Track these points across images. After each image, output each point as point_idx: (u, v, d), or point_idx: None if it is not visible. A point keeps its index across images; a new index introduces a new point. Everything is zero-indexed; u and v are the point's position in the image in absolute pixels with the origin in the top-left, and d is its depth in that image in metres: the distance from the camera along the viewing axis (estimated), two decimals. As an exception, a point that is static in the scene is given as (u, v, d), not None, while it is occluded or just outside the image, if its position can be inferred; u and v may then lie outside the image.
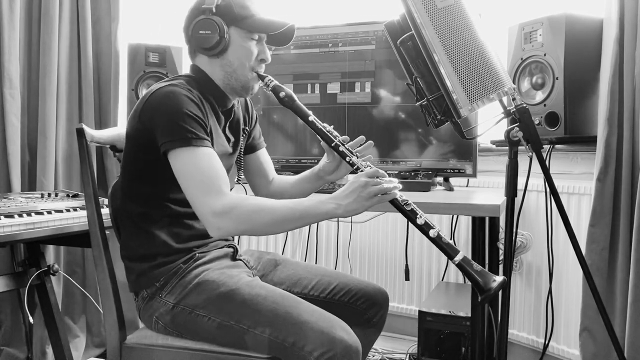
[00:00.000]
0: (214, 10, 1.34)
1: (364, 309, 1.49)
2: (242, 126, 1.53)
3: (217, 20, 1.34)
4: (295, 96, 1.41)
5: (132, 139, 1.35)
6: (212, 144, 1.31)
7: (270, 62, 1.43)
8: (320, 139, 1.40)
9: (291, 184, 1.61)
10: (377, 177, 1.24)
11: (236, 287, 1.29)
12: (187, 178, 1.24)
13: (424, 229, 1.23)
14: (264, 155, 1.65)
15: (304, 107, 1.41)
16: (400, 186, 1.26)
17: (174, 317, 1.32)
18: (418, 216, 1.24)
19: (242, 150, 1.56)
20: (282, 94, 1.39)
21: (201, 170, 1.23)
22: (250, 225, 1.23)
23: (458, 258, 1.20)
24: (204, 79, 1.40)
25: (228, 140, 1.46)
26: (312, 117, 1.39)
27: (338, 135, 1.39)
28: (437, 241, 1.23)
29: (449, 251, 1.21)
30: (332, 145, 1.38)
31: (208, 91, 1.39)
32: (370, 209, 1.26)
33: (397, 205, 1.25)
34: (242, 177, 1.60)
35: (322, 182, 1.55)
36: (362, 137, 1.42)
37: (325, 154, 1.50)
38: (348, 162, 1.36)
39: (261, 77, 1.40)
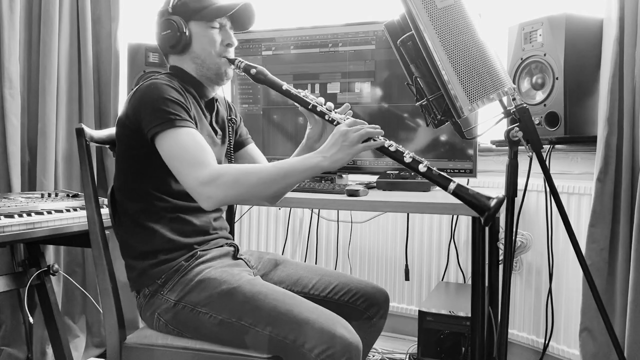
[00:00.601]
0: (170, 10, 1.42)
1: (364, 308, 1.49)
2: (227, 117, 1.58)
3: (174, 18, 1.41)
4: (266, 70, 1.45)
5: (122, 136, 1.39)
6: (197, 129, 1.35)
7: (236, 45, 1.47)
8: (297, 105, 1.43)
9: None
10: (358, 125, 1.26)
11: (237, 285, 1.30)
12: (173, 157, 1.27)
13: (413, 165, 1.25)
14: (254, 149, 1.69)
15: (277, 79, 1.45)
16: (383, 132, 1.28)
17: (176, 315, 1.32)
18: (404, 155, 1.26)
19: (232, 144, 1.58)
20: (253, 71, 1.44)
21: (186, 148, 1.26)
22: (239, 190, 1.25)
23: (452, 187, 1.21)
24: (182, 74, 1.45)
25: (215, 132, 1.50)
26: (285, 86, 1.43)
27: (314, 97, 1.42)
28: (429, 174, 1.24)
29: (442, 182, 1.23)
30: (310, 107, 1.40)
31: (187, 84, 1.45)
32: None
33: (382, 150, 1.27)
34: None
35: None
36: (347, 105, 1.43)
37: (308, 121, 1.52)
38: (328, 120, 1.39)
39: (231, 61, 1.45)
